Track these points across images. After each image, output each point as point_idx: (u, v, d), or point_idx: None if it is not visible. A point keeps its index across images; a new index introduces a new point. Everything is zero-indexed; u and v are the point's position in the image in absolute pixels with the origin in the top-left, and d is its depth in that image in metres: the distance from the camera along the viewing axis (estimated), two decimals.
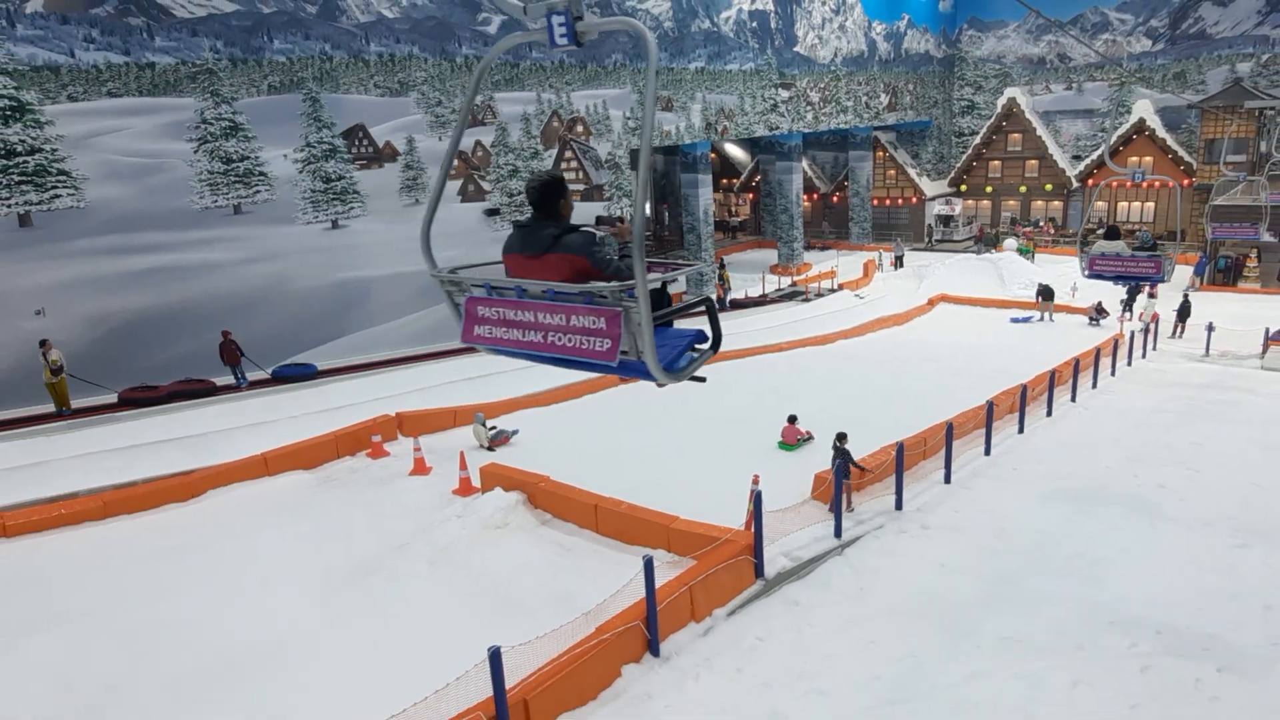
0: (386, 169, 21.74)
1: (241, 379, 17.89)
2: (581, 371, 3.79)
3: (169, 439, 14.85)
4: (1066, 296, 28.45)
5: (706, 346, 4.07)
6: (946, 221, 42.90)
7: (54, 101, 16.55)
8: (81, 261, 16.92)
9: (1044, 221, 42.20)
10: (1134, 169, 15.12)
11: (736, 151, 45.91)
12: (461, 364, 19.79)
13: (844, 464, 11.49)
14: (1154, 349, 23.56)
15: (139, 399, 16.46)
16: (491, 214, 23.52)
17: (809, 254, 38.45)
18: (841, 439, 12.05)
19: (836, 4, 36.82)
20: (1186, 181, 36.11)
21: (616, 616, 8.38)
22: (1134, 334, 22.97)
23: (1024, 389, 16.28)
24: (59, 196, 16.61)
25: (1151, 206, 39.82)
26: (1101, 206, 40.50)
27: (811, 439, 15.08)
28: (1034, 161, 42.34)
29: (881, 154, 43.74)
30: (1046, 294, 27.80)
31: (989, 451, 14.62)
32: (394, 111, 21.85)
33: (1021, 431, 15.90)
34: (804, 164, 41.01)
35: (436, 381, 18.70)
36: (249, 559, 11.20)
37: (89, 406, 16.07)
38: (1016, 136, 42.44)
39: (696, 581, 9.12)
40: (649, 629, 8.50)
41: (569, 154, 26.28)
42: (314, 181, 20.25)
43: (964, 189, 44.45)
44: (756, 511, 9.92)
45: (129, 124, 17.68)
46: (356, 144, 21.19)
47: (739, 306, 29.02)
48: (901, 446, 12.35)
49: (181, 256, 18.21)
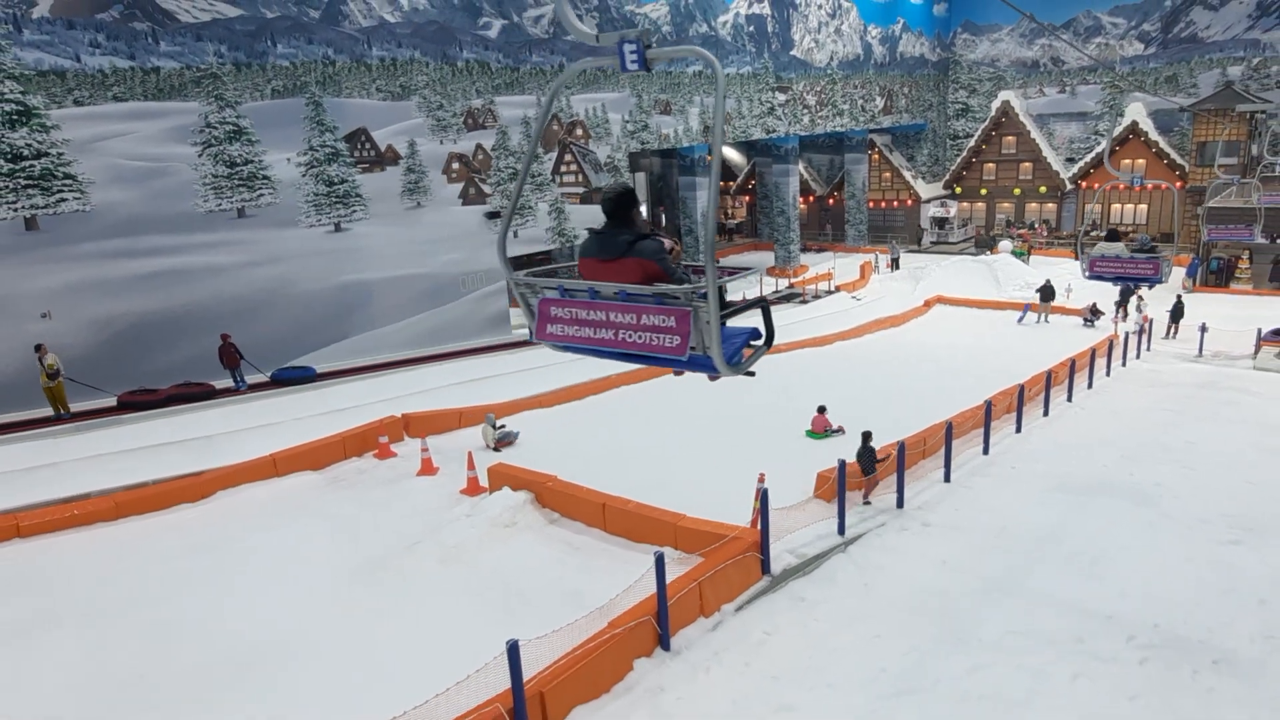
0: (388, 172, 21.86)
1: (241, 382, 17.96)
2: (642, 364, 4.10)
3: (174, 441, 14.98)
4: (1062, 297, 28.71)
5: (761, 343, 4.37)
6: (941, 223, 43.20)
7: (60, 106, 16.66)
8: (87, 265, 17.03)
9: (1038, 223, 42.53)
10: (1132, 173, 15.35)
11: (733, 154, 46.15)
12: (463, 366, 19.96)
13: (871, 461, 12.22)
14: (1148, 349, 23.83)
15: (138, 402, 16.53)
16: (492, 217, 23.62)
17: (805, 256, 38.72)
18: (867, 438, 12.62)
19: (832, 8, 37.10)
20: (1179, 184, 36.45)
21: (627, 612, 8.55)
22: (1128, 335, 23.21)
23: (1021, 389, 16.51)
24: (65, 200, 16.72)
25: (1145, 209, 40.18)
26: (1096, 209, 40.81)
27: (842, 432, 15.49)
28: (1028, 164, 42.69)
29: (877, 157, 44.07)
30: (1046, 294, 28.00)
31: (987, 451, 14.83)
32: (396, 115, 21.98)
33: (1019, 431, 16.13)
34: (800, 167, 41.25)
35: (438, 384, 18.82)
36: (259, 559, 11.32)
37: (88, 410, 16.16)
38: (1010, 139, 42.77)
39: (705, 578, 9.30)
40: (660, 624, 8.67)
41: (568, 157, 26.36)
42: (317, 185, 20.39)
43: (959, 191, 44.77)
44: (763, 509, 10.10)
45: (134, 128, 17.78)
46: (359, 148, 21.33)
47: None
48: (903, 446, 12.58)
49: (186, 260, 18.33)
